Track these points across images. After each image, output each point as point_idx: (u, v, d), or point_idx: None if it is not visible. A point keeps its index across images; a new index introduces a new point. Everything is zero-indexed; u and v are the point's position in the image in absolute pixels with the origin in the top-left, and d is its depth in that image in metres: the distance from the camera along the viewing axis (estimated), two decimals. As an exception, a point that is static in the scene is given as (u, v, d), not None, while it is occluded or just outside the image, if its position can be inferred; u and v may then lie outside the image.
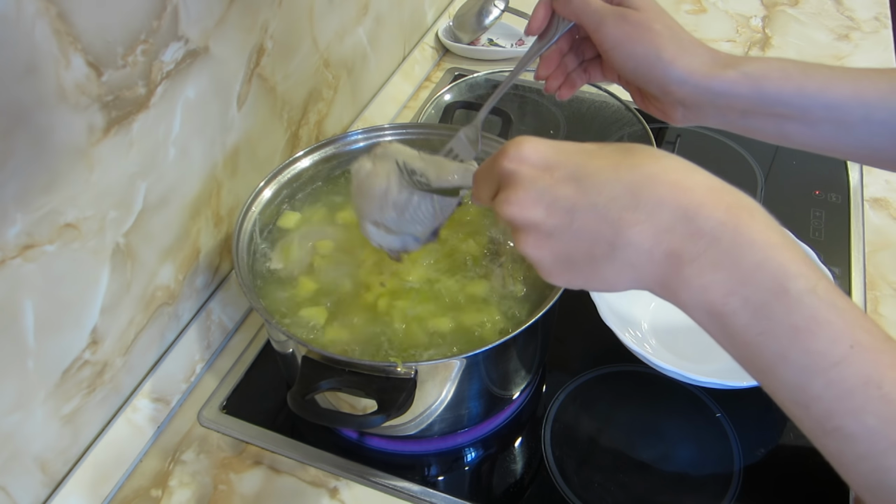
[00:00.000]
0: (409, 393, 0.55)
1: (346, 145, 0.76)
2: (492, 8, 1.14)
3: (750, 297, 0.36)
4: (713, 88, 0.54)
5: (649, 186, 0.38)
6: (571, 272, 0.41)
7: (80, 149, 0.54)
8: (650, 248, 0.38)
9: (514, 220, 0.41)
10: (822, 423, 0.36)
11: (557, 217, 0.40)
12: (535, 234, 0.41)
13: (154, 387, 0.69)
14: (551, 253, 0.41)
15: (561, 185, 0.40)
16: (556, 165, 0.41)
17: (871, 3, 1.29)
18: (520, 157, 0.42)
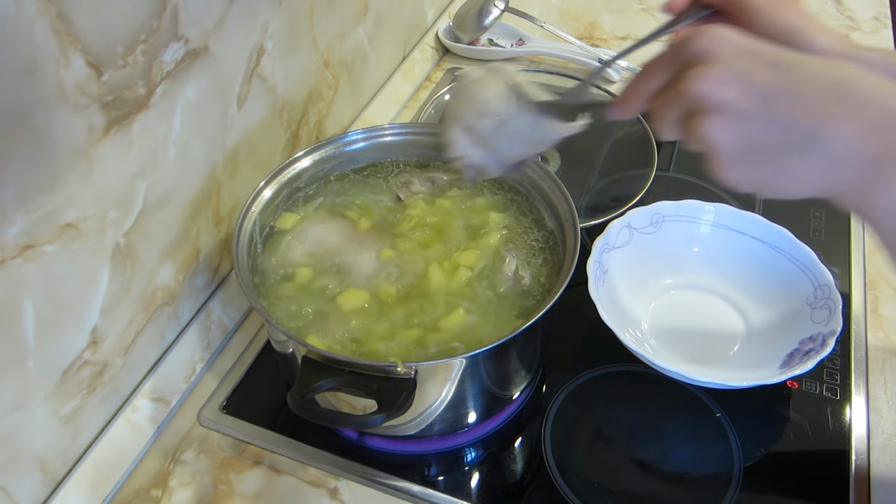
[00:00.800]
0: (409, 393, 0.55)
1: (346, 145, 0.76)
2: (492, 8, 1.14)
3: None
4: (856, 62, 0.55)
5: (858, 85, 0.37)
6: (755, 164, 0.39)
7: (80, 149, 0.54)
8: (855, 145, 0.36)
9: (704, 97, 0.39)
10: None
11: (753, 100, 0.38)
12: (724, 116, 0.38)
13: (154, 387, 0.69)
14: (738, 139, 0.38)
15: (762, 69, 0.38)
16: (758, 51, 0.39)
17: (871, 3, 1.29)
18: (720, 37, 0.40)
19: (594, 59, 1.12)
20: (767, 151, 0.38)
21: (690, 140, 0.41)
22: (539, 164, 0.72)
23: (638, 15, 1.29)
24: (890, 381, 0.72)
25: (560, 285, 0.59)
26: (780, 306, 0.73)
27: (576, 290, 0.65)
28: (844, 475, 0.64)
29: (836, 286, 0.70)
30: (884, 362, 0.73)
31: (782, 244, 0.76)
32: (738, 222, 0.79)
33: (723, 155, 0.39)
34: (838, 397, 0.70)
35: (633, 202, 0.83)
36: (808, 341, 0.68)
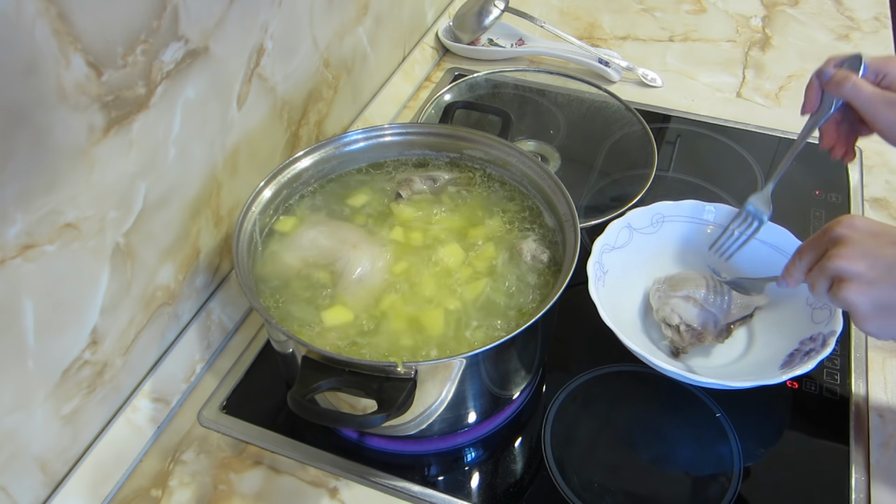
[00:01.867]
0: (409, 393, 0.55)
1: (345, 145, 0.76)
2: (492, 8, 1.14)
3: None
4: None
5: None
6: (886, 318, 0.52)
7: (80, 149, 0.54)
8: None
9: (841, 270, 0.52)
10: None
11: (879, 270, 0.51)
12: (857, 283, 0.51)
13: (154, 387, 0.69)
14: (870, 300, 0.51)
15: (885, 246, 0.51)
16: (882, 233, 0.52)
17: (871, 3, 1.29)
18: (852, 225, 0.54)
19: (594, 58, 1.12)
20: (893, 308, 0.51)
21: (836, 302, 0.54)
22: (539, 164, 0.72)
23: (638, 15, 1.29)
24: (890, 381, 0.72)
25: (560, 285, 0.59)
26: (781, 306, 0.73)
27: (576, 290, 0.65)
28: (844, 475, 0.64)
29: (836, 286, 0.70)
30: (884, 362, 0.73)
31: (782, 244, 0.76)
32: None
33: (860, 312, 0.52)
34: (838, 397, 0.70)
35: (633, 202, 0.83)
36: (808, 341, 0.68)
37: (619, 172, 0.92)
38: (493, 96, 1.04)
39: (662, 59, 1.18)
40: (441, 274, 0.67)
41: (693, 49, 1.20)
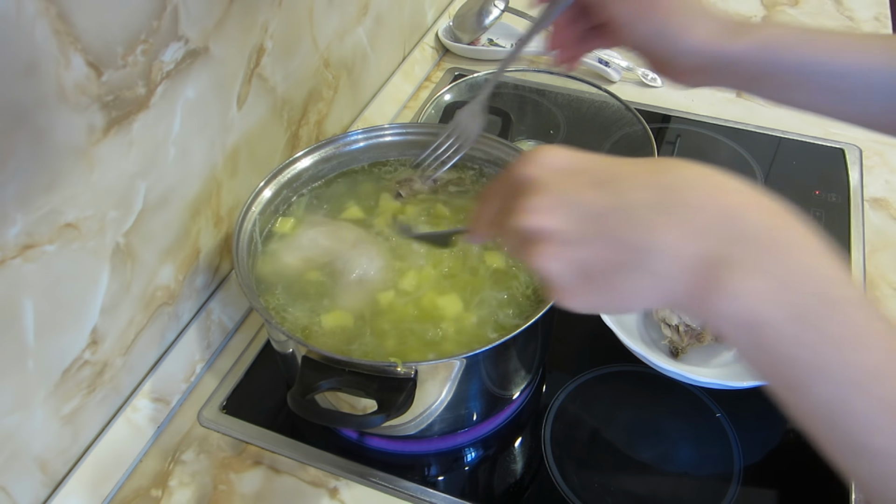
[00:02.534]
0: (409, 393, 0.55)
1: (346, 145, 0.76)
2: (492, 8, 1.14)
3: (791, 304, 0.33)
4: (723, 58, 0.54)
5: (684, 189, 0.35)
6: (592, 287, 0.38)
7: (80, 149, 0.54)
8: (684, 252, 0.35)
9: (531, 228, 0.38)
10: (850, 439, 0.33)
11: (580, 223, 0.37)
12: (554, 244, 0.37)
13: (154, 387, 0.69)
14: (571, 264, 0.37)
15: (586, 189, 0.37)
16: (581, 170, 0.38)
17: (871, 3, 1.29)
18: (541, 162, 0.39)
19: (594, 58, 1.12)
20: (601, 273, 0.37)
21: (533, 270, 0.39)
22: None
23: (638, 15, 1.28)
24: (890, 381, 0.72)
25: (560, 285, 0.59)
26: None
27: (576, 290, 0.65)
28: (844, 475, 0.64)
29: (836, 286, 0.70)
30: (884, 362, 0.73)
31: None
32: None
33: (557, 282, 0.38)
34: (838, 397, 0.70)
35: (633, 202, 0.83)
36: (808, 341, 0.68)
37: (619, 172, 0.92)
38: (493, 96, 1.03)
39: (662, 59, 1.17)
40: (440, 274, 0.67)
41: (693, 49, 1.20)
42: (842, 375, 0.33)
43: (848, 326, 0.33)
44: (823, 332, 0.33)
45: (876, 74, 0.53)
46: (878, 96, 0.54)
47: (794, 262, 0.34)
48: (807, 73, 0.54)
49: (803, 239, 0.34)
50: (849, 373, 0.33)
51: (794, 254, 0.34)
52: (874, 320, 0.33)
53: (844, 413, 0.33)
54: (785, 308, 0.33)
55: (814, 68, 0.54)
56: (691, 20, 0.54)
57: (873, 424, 0.32)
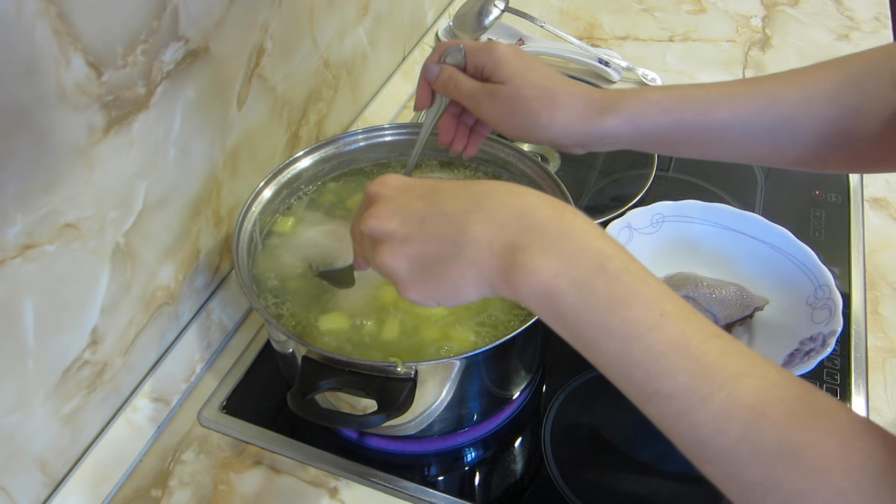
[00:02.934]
0: (409, 393, 0.55)
1: (346, 145, 0.76)
2: (492, 8, 1.14)
3: (575, 277, 0.40)
4: (595, 135, 0.58)
5: (489, 194, 0.44)
6: (424, 279, 0.45)
7: (80, 149, 0.54)
8: (489, 241, 0.42)
9: (373, 231, 0.46)
10: (643, 387, 0.40)
11: (410, 224, 0.45)
12: (390, 243, 0.45)
13: (154, 387, 0.69)
14: (406, 260, 0.45)
15: (415, 200, 0.45)
16: (413, 187, 0.47)
17: (871, 3, 1.29)
18: (382, 182, 0.48)
19: (594, 58, 1.12)
20: (429, 265, 0.44)
21: (379, 270, 0.47)
22: (539, 164, 0.72)
23: (638, 15, 1.29)
24: (890, 381, 0.72)
25: (560, 285, 0.59)
26: (781, 306, 0.73)
27: (576, 290, 0.65)
28: (844, 475, 0.64)
29: (836, 286, 0.70)
30: (884, 362, 0.73)
31: (782, 244, 0.76)
32: (738, 222, 0.79)
33: (399, 277, 0.45)
34: (838, 397, 0.70)
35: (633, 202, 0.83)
36: (808, 341, 0.68)
37: (619, 172, 0.92)
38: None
39: (662, 59, 1.18)
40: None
41: (693, 49, 1.20)
42: (623, 331, 0.39)
43: (623, 290, 0.40)
44: (603, 296, 0.40)
45: (751, 126, 0.57)
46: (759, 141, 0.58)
47: (575, 243, 0.41)
48: (683, 132, 0.58)
49: (581, 226, 0.42)
50: (628, 328, 0.39)
51: (575, 237, 0.41)
52: (644, 284, 0.40)
53: (632, 364, 0.40)
54: (571, 280, 0.40)
55: (688, 128, 0.58)
56: (555, 107, 0.58)
57: (655, 370, 0.39)
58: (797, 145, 0.57)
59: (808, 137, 0.56)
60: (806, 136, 0.56)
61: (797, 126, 0.56)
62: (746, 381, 0.37)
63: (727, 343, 0.39)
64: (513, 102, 0.58)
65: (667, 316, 0.39)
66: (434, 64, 0.62)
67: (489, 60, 0.59)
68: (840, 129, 0.55)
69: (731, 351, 0.39)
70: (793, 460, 0.36)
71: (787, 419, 0.36)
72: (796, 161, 0.59)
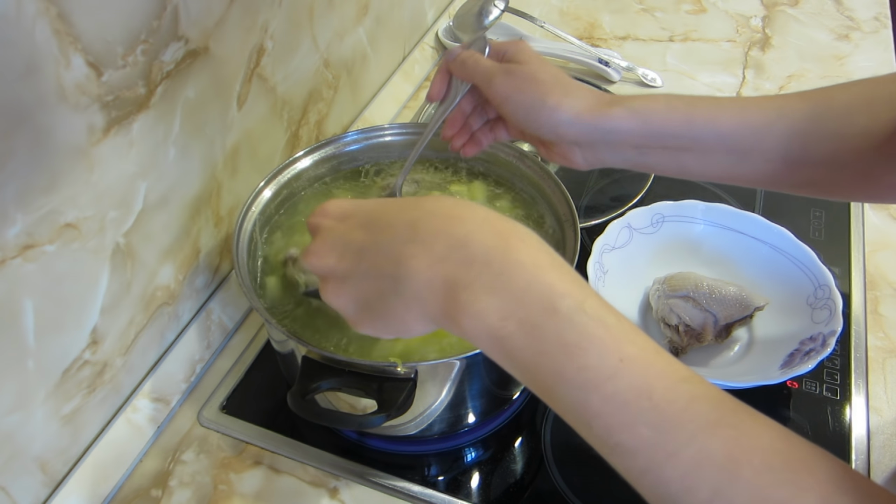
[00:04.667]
0: (409, 393, 0.55)
1: (345, 145, 0.76)
2: (492, 8, 1.14)
3: (524, 319, 0.36)
4: (602, 125, 0.56)
5: (426, 220, 0.40)
6: (371, 317, 0.42)
7: (80, 149, 0.54)
8: (429, 277, 0.39)
9: (314, 268, 0.44)
10: (604, 439, 0.37)
11: (349, 260, 0.42)
12: (332, 281, 0.43)
13: (154, 387, 0.69)
14: (349, 298, 0.42)
15: (353, 231, 0.43)
16: (352, 215, 0.44)
17: (871, 3, 1.29)
18: (323, 212, 0.46)
19: (594, 58, 1.12)
20: (372, 301, 0.41)
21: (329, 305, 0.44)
22: (539, 164, 0.72)
23: (638, 15, 1.29)
24: (890, 381, 0.72)
25: (560, 285, 0.59)
26: (781, 306, 0.73)
27: (576, 290, 0.65)
28: (844, 475, 0.64)
29: (836, 286, 0.70)
30: (884, 362, 0.73)
31: (782, 244, 0.76)
32: (738, 222, 0.79)
33: (346, 314, 0.43)
34: (838, 397, 0.70)
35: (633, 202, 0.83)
36: (808, 341, 0.68)
37: (619, 172, 0.92)
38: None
39: (662, 59, 1.18)
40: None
41: (693, 49, 1.20)
42: (579, 379, 0.36)
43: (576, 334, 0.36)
44: (555, 341, 0.36)
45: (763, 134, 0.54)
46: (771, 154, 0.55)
47: (521, 279, 0.37)
48: (692, 136, 0.56)
49: (529, 257, 0.38)
50: (585, 376, 0.36)
51: (521, 271, 0.37)
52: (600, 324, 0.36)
53: (591, 415, 0.36)
54: (519, 323, 0.36)
55: (697, 130, 0.55)
56: (564, 94, 0.57)
57: (617, 423, 0.35)
58: (810, 164, 0.54)
59: (819, 154, 0.53)
60: (817, 152, 0.54)
61: (808, 140, 0.53)
62: (716, 434, 0.34)
63: (695, 388, 0.36)
64: (526, 80, 0.58)
65: (627, 361, 0.36)
66: (457, 48, 0.63)
67: (512, 47, 0.60)
68: (850, 146, 0.52)
69: (699, 397, 0.36)
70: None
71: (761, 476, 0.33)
72: (810, 182, 0.56)
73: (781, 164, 0.55)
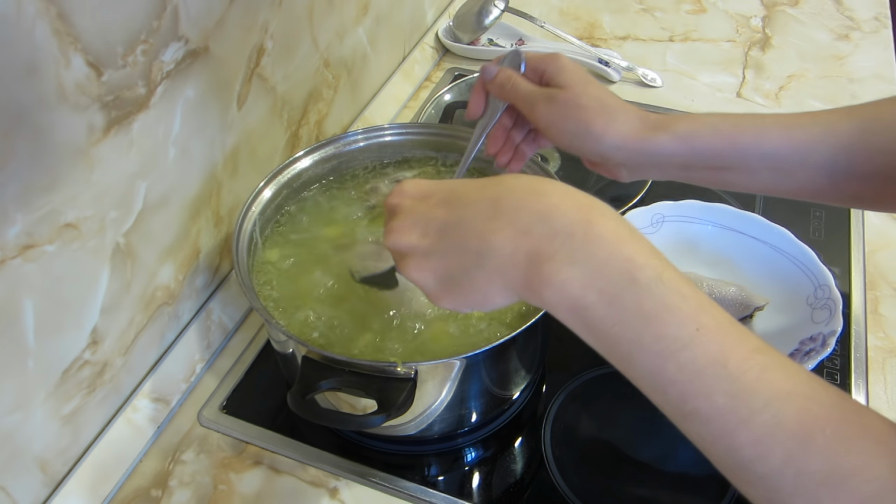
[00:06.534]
0: (409, 393, 0.55)
1: (346, 145, 0.76)
2: (492, 8, 1.14)
3: (604, 289, 0.38)
4: (647, 151, 0.57)
5: (509, 197, 0.41)
6: (453, 290, 0.43)
7: (80, 149, 0.54)
8: (512, 251, 0.40)
9: (395, 246, 0.45)
10: (679, 406, 0.37)
11: (431, 237, 0.43)
12: (414, 257, 0.44)
13: (154, 387, 0.69)
14: (432, 273, 0.44)
15: (434, 209, 0.44)
16: (431, 194, 0.45)
17: (871, 3, 1.29)
18: (401, 192, 0.46)
19: (594, 58, 1.12)
20: (455, 276, 0.43)
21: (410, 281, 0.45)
22: (539, 164, 0.72)
23: (638, 15, 1.29)
24: (890, 381, 0.72)
25: (560, 285, 0.59)
26: (781, 306, 0.73)
27: (576, 290, 0.65)
28: (844, 475, 0.64)
29: (836, 286, 0.70)
30: (884, 362, 0.73)
31: (782, 244, 0.76)
32: (738, 222, 0.79)
33: (427, 289, 0.45)
34: (838, 397, 0.70)
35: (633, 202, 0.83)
36: (808, 341, 0.68)
37: (619, 172, 0.92)
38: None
39: (662, 59, 1.18)
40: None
41: (693, 49, 1.20)
42: (657, 348, 0.37)
43: (655, 304, 0.37)
44: (634, 311, 0.37)
45: (809, 153, 0.54)
46: (816, 172, 0.55)
47: (603, 251, 0.38)
48: (737, 157, 0.56)
49: (611, 231, 0.39)
50: (662, 345, 0.37)
51: (602, 244, 0.39)
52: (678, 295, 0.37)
53: (666, 382, 0.37)
54: (600, 293, 0.38)
55: (743, 151, 0.56)
56: (610, 119, 0.57)
57: (692, 390, 0.36)
58: (856, 178, 0.54)
59: (866, 168, 0.53)
60: (864, 167, 0.53)
61: (855, 156, 0.53)
62: (790, 402, 0.35)
63: (769, 358, 0.37)
64: (569, 108, 0.57)
65: (703, 330, 0.37)
66: (493, 65, 0.61)
67: (551, 66, 0.59)
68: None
69: (773, 367, 0.36)
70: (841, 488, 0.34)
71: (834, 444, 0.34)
72: (855, 196, 0.56)
73: (827, 179, 0.55)
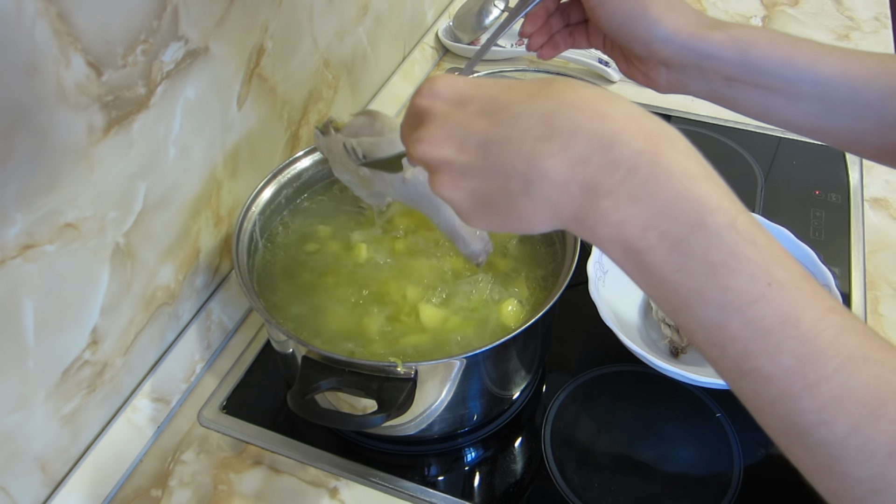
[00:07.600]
0: (409, 393, 0.55)
1: (346, 145, 0.76)
2: (492, 8, 1.14)
3: (667, 232, 0.34)
4: (699, 49, 0.53)
5: (565, 114, 0.35)
6: (489, 213, 0.39)
7: (80, 149, 0.54)
8: (565, 180, 0.35)
9: (426, 159, 0.39)
10: (738, 364, 0.34)
11: (470, 153, 0.38)
12: (449, 174, 0.38)
13: (154, 387, 0.69)
14: (468, 193, 0.38)
15: (474, 120, 0.38)
16: (470, 99, 0.38)
17: (871, 3, 1.29)
18: (433, 93, 0.40)
19: (594, 58, 1.12)
20: (495, 199, 0.38)
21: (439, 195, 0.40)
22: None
23: (638, 15, 1.28)
24: (890, 381, 0.72)
25: (560, 285, 0.59)
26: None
27: (576, 290, 0.65)
28: (844, 475, 0.64)
29: (836, 286, 0.70)
30: (884, 362, 0.73)
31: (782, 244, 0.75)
32: (738, 222, 0.78)
33: (459, 208, 0.40)
34: (838, 397, 0.70)
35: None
36: (808, 341, 0.68)
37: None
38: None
39: (662, 59, 1.17)
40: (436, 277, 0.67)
41: (693, 49, 1.20)
42: (721, 300, 0.33)
43: (724, 252, 0.33)
44: (699, 259, 0.33)
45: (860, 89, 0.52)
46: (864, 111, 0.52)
47: (670, 189, 0.34)
48: (788, 78, 0.53)
49: (680, 165, 0.35)
50: (728, 298, 0.33)
51: (669, 180, 0.34)
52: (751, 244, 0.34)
53: (727, 337, 0.34)
54: (660, 236, 0.34)
55: (795, 73, 0.52)
56: (667, 7, 0.53)
57: (757, 348, 0.33)
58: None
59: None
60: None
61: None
62: (864, 369, 0.32)
63: (844, 319, 0.33)
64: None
65: (776, 285, 0.33)
66: None
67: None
68: None
69: (849, 330, 0.33)
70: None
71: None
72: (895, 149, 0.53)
73: (873, 123, 0.52)
